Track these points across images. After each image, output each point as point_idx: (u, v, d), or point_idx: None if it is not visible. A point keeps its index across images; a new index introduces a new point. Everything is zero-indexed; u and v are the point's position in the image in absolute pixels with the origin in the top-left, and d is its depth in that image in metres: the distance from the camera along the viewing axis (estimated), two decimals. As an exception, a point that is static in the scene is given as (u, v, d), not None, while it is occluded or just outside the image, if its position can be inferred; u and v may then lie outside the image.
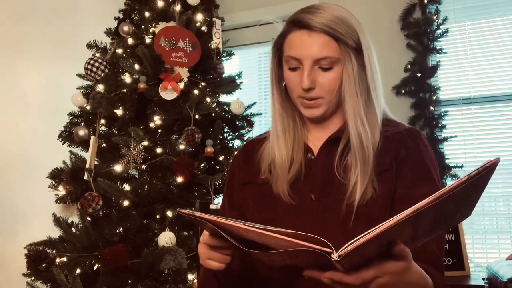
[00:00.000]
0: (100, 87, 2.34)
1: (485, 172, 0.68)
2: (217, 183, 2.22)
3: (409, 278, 0.78)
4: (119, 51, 2.41)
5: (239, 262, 0.98)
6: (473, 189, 0.70)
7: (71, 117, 2.42)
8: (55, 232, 2.15)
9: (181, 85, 2.30)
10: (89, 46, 2.49)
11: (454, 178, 2.65)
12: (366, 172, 0.98)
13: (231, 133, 2.51)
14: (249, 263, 1.02)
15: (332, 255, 0.69)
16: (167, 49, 2.29)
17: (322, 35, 0.99)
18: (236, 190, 1.14)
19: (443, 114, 2.76)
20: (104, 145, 2.30)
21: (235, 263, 0.93)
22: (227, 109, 2.46)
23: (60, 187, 2.22)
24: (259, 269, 1.04)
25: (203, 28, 2.51)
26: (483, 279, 2.16)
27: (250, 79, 3.32)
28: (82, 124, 2.32)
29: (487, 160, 0.67)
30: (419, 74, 2.80)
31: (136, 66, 2.29)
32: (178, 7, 2.40)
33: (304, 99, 1.03)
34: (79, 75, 2.44)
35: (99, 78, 2.34)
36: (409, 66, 2.83)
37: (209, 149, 2.23)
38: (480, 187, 0.73)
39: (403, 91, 2.84)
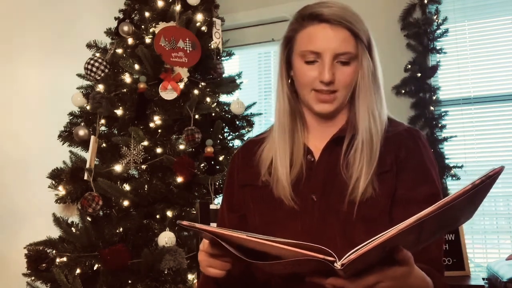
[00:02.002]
0: (100, 87, 2.34)
1: (489, 181, 0.69)
2: (217, 183, 2.22)
3: (411, 282, 0.79)
4: (119, 51, 2.41)
5: (239, 267, 0.98)
6: (476, 196, 0.71)
7: (71, 117, 2.42)
8: (55, 232, 2.15)
9: (181, 85, 2.30)
10: (89, 46, 2.49)
11: (454, 178, 2.65)
12: (370, 166, 0.98)
13: (231, 133, 2.51)
14: (248, 268, 1.02)
15: (335, 264, 0.69)
16: (167, 49, 2.29)
17: (344, 29, 0.99)
18: (235, 192, 1.13)
19: (443, 114, 2.76)
20: (104, 145, 2.30)
21: (235, 268, 0.93)
22: (227, 109, 2.46)
23: (60, 187, 2.22)
24: (258, 273, 1.04)
25: (203, 28, 2.51)
26: (483, 279, 2.16)
27: (250, 79, 3.32)
28: (82, 124, 2.32)
29: (491, 169, 0.68)
30: (419, 74, 2.79)
31: (136, 66, 2.29)
32: (178, 7, 2.40)
33: (319, 93, 1.02)
34: (79, 75, 2.43)
35: (99, 78, 2.34)
36: (409, 66, 2.82)
37: (209, 149, 2.22)
38: (483, 194, 0.74)
39: (403, 91, 2.84)
